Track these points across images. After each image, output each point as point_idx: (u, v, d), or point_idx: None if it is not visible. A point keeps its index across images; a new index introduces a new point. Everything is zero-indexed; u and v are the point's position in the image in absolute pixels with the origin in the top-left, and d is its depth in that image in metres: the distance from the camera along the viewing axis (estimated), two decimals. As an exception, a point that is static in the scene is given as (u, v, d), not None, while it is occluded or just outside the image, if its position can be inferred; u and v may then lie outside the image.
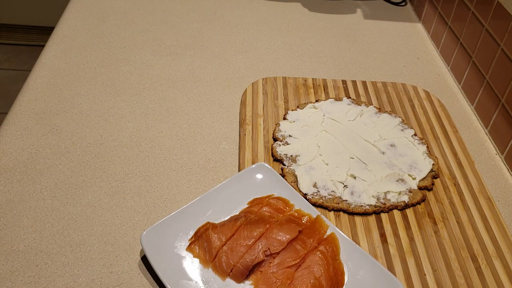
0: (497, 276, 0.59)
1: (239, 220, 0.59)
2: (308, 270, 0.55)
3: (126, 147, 0.73)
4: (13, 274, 0.55)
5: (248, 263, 0.55)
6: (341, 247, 0.58)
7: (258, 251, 0.56)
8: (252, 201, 0.63)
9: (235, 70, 0.92)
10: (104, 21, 1.02)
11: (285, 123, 0.77)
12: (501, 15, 0.81)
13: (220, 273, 0.55)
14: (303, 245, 0.57)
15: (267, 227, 0.58)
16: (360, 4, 1.20)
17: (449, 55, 0.99)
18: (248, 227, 0.58)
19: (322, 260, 0.56)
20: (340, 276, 0.55)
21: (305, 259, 0.56)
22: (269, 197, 0.64)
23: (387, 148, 0.74)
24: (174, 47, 0.97)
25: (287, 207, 0.62)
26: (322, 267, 0.55)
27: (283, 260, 0.56)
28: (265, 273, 0.55)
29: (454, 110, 0.88)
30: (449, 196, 0.69)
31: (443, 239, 0.62)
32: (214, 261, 0.56)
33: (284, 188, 0.64)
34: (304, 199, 0.63)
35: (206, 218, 0.61)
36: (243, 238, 0.57)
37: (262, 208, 0.62)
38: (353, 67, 0.97)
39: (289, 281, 0.54)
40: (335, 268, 0.56)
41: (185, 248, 0.58)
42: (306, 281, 0.54)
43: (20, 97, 0.80)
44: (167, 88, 0.86)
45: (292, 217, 0.60)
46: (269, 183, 0.65)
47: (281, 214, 0.61)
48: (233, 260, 0.55)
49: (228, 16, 1.10)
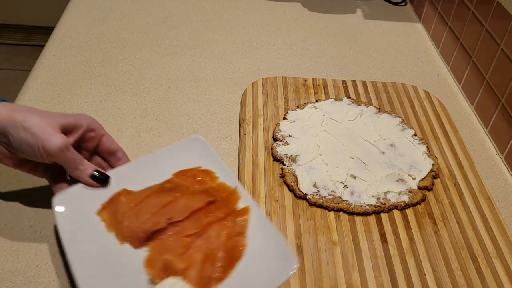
0: (497, 276, 0.59)
1: (153, 188, 0.58)
2: (206, 241, 0.53)
3: (126, 147, 0.73)
4: (13, 274, 0.55)
5: (148, 228, 0.54)
6: (254, 223, 0.56)
7: (160, 218, 0.55)
8: (177, 172, 0.61)
9: (235, 70, 0.92)
10: (104, 21, 1.02)
11: (285, 123, 0.77)
12: (501, 15, 0.81)
13: (119, 236, 0.54)
14: (209, 216, 0.56)
15: (176, 196, 0.57)
16: (360, 4, 1.21)
17: (449, 55, 0.99)
18: (159, 195, 0.57)
19: (223, 232, 0.54)
20: (238, 251, 0.53)
21: (207, 229, 0.55)
22: (195, 169, 0.62)
23: (387, 148, 0.74)
24: (174, 47, 0.97)
25: (210, 180, 0.60)
26: (221, 239, 0.54)
27: (184, 229, 0.54)
28: (163, 240, 0.54)
29: (454, 110, 0.88)
30: (449, 196, 0.69)
31: (443, 239, 0.62)
32: (117, 225, 0.55)
33: (215, 162, 0.62)
34: (232, 174, 0.61)
35: (126, 186, 0.60)
36: (150, 205, 0.56)
37: (185, 179, 0.60)
38: (353, 67, 0.97)
39: (184, 249, 0.52)
40: (235, 242, 0.54)
41: (96, 212, 0.57)
42: (200, 251, 0.52)
43: (20, 97, 0.80)
44: (167, 88, 0.86)
45: (209, 189, 0.58)
46: (201, 157, 0.63)
47: (202, 185, 0.60)
48: (135, 225, 0.54)
49: (228, 16, 1.10)
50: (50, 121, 0.55)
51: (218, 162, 0.62)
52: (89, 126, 0.60)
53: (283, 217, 0.63)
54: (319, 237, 0.61)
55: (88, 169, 0.57)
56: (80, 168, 0.57)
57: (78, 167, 0.56)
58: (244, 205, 0.58)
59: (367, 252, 0.60)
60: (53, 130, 0.54)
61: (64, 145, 0.54)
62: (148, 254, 0.53)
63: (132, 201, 0.57)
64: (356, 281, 0.57)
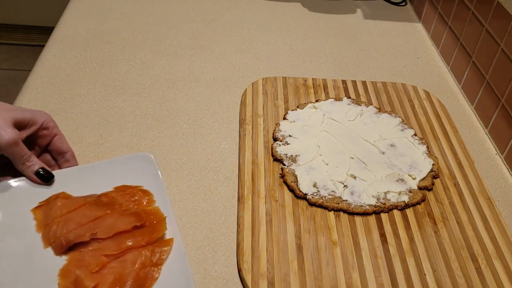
0: (497, 276, 0.59)
1: (88, 198, 0.59)
2: (121, 264, 0.54)
3: (126, 147, 0.73)
4: (13, 274, 0.55)
5: (71, 239, 0.55)
6: (173, 256, 0.56)
7: (86, 231, 0.56)
8: (119, 187, 0.62)
9: (235, 70, 0.92)
10: (104, 21, 1.02)
11: (285, 123, 0.77)
12: (501, 15, 0.81)
13: (45, 240, 0.56)
14: (131, 240, 0.56)
15: (106, 213, 0.58)
16: (360, 4, 1.20)
17: (449, 55, 0.99)
18: (92, 207, 0.58)
19: (138, 260, 0.55)
20: (148, 282, 0.54)
21: (126, 253, 0.55)
22: (135, 188, 0.62)
23: (387, 148, 0.74)
24: (174, 47, 0.97)
25: (146, 202, 0.61)
26: (135, 266, 0.54)
27: (104, 247, 0.55)
28: (82, 253, 0.55)
29: (454, 110, 0.88)
30: (449, 196, 0.69)
31: (443, 239, 0.62)
32: (45, 227, 0.56)
33: (157, 185, 0.63)
34: (168, 201, 0.61)
35: (67, 189, 0.61)
36: (81, 215, 0.57)
37: (122, 195, 0.61)
38: (353, 67, 0.97)
39: (98, 267, 0.53)
40: (148, 272, 0.54)
41: (31, 209, 0.58)
42: (112, 273, 0.53)
43: (20, 97, 0.80)
44: (167, 88, 0.86)
45: (141, 212, 0.59)
46: (145, 176, 0.63)
47: (136, 206, 0.60)
48: (60, 232, 0.55)
49: (228, 16, 1.10)
50: (4, 114, 0.56)
51: (160, 186, 0.63)
52: (44, 124, 0.62)
53: (283, 217, 0.63)
54: (319, 237, 0.61)
55: (35, 166, 0.60)
56: (26, 164, 0.59)
57: (24, 163, 0.59)
58: (169, 236, 0.58)
59: (367, 252, 0.60)
60: (5, 124, 0.56)
61: (12, 141, 0.56)
62: (65, 264, 0.54)
63: (66, 207, 0.58)
64: (356, 281, 0.57)
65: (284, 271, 0.57)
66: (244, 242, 0.60)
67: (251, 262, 0.57)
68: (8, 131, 0.56)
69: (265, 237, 0.60)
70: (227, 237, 0.62)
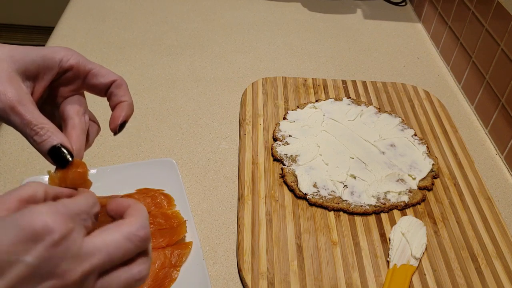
0: (497, 276, 0.59)
1: None
2: None
3: (126, 147, 0.73)
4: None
5: None
6: (191, 259, 0.57)
7: None
8: (141, 190, 0.63)
9: (235, 70, 0.92)
10: (104, 21, 1.02)
11: (285, 123, 0.77)
12: (501, 15, 0.81)
13: None
14: (152, 241, 0.56)
15: None
16: (360, 4, 1.21)
17: (449, 55, 0.99)
18: None
19: (158, 261, 0.56)
20: (167, 282, 0.55)
21: None
22: (157, 191, 0.63)
23: (387, 148, 0.74)
24: (174, 47, 0.97)
25: (167, 205, 0.62)
26: (153, 266, 0.55)
27: None
28: None
29: (454, 110, 0.88)
30: (449, 196, 0.69)
31: (443, 239, 0.62)
32: None
33: (179, 189, 0.64)
34: (188, 206, 0.62)
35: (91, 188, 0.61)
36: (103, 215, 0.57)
37: (144, 198, 0.61)
38: (353, 67, 0.97)
39: None
40: (167, 273, 0.55)
41: None
42: None
43: (20, 97, 0.80)
44: (167, 88, 0.86)
45: (162, 214, 0.60)
46: (167, 180, 0.65)
47: (157, 209, 0.61)
48: None
49: (228, 16, 1.10)
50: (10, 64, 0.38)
51: (181, 190, 0.64)
52: (63, 63, 0.42)
53: (283, 217, 0.63)
54: (319, 237, 0.61)
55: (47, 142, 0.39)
56: (35, 139, 0.38)
57: (32, 136, 0.38)
58: (188, 239, 0.59)
59: (367, 252, 0.60)
60: (7, 78, 0.37)
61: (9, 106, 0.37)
62: None
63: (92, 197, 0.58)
64: (356, 281, 0.57)
65: (284, 271, 0.57)
66: (244, 242, 0.60)
67: (251, 262, 0.57)
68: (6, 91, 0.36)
69: (265, 237, 0.60)
70: (227, 237, 0.62)
